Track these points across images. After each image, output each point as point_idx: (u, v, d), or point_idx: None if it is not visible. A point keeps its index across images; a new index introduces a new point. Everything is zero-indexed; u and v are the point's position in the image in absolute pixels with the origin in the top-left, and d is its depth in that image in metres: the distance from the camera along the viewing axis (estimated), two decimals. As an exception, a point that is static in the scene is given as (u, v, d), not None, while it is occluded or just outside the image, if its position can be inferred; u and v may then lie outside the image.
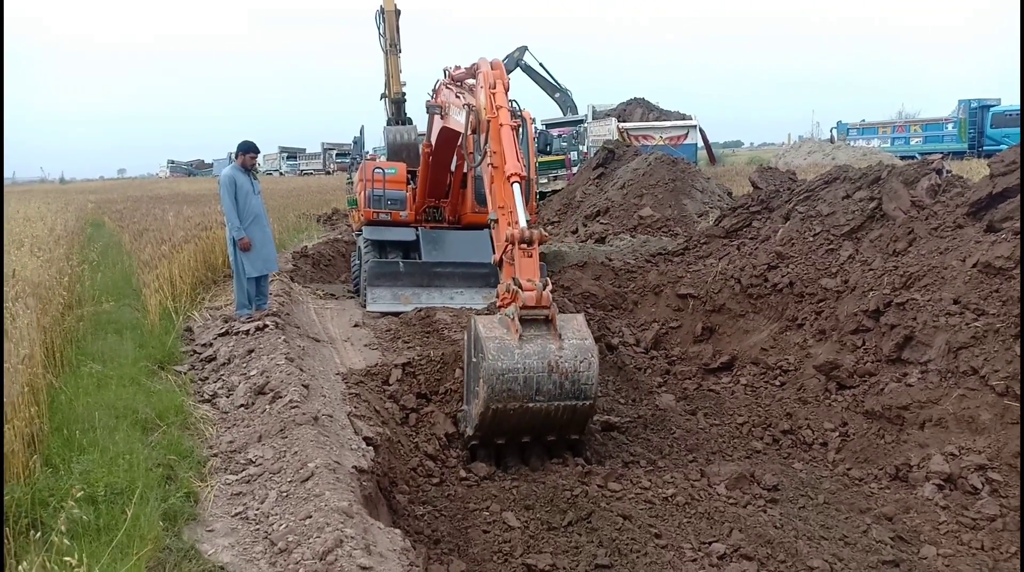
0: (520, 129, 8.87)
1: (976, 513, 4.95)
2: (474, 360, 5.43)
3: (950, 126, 33.36)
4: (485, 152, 6.47)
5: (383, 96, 12.21)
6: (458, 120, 7.77)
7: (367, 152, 12.33)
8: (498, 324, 5.38)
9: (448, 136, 9.33)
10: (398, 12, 12.34)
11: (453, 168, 10.94)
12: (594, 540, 4.70)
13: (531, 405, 5.29)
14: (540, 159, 31.42)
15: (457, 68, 8.62)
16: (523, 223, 5.75)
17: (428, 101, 9.42)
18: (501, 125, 6.32)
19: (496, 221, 6.08)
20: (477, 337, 5.32)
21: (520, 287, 5.34)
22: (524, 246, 5.62)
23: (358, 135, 11.70)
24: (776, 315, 8.13)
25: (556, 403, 5.33)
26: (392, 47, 12.11)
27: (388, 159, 11.95)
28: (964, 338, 6.03)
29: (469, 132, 7.02)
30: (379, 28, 12.22)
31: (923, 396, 5.95)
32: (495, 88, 6.53)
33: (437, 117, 9.20)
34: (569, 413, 5.44)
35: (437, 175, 10.78)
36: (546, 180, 24.12)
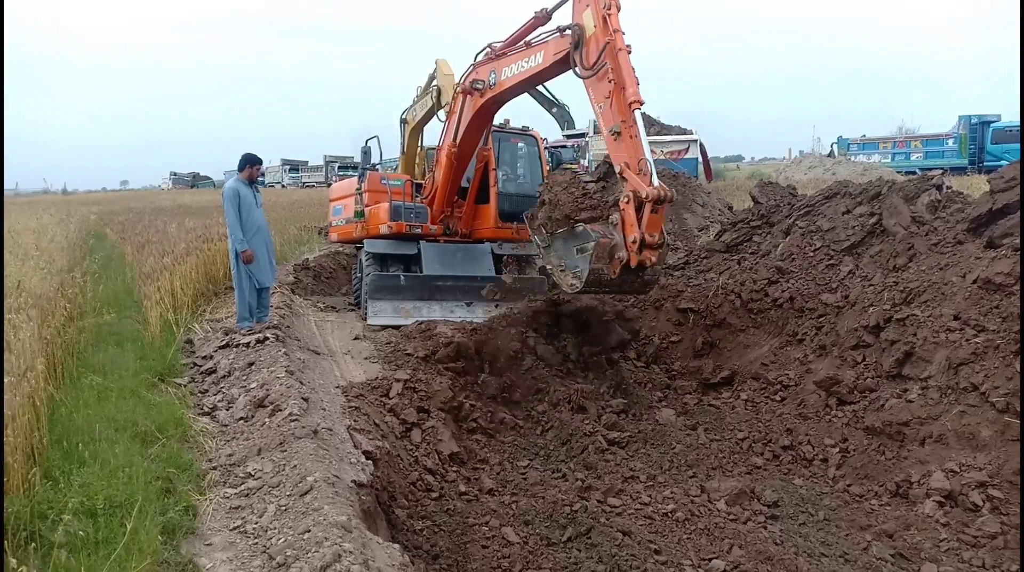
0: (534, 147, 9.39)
1: (977, 530, 4.93)
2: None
3: (950, 142, 33.47)
4: (592, 66, 6.88)
5: (403, 121, 12.19)
6: (529, 65, 8.26)
7: (377, 164, 12.27)
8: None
9: (476, 125, 9.71)
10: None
11: (466, 182, 11.00)
12: (594, 556, 4.68)
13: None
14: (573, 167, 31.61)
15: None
16: (655, 179, 6.18)
17: (455, 92, 9.66)
18: (619, 49, 6.64)
19: (618, 133, 6.65)
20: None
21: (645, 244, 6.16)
22: (658, 206, 6.18)
23: (366, 146, 11.52)
24: (776, 330, 8.13)
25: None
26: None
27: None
28: (964, 354, 6.03)
29: (573, 51, 7.31)
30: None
31: (923, 412, 5.95)
32: (610, 10, 6.83)
33: (468, 102, 9.51)
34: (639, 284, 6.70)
35: (458, 176, 10.85)
36: None
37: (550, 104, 12.41)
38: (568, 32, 7.39)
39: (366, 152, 11.34)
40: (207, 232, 13.53)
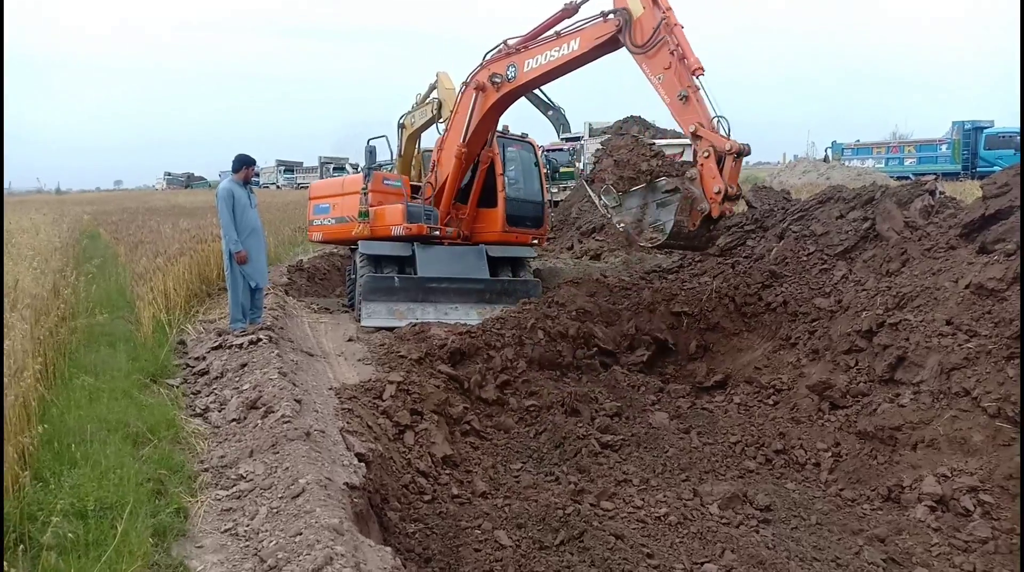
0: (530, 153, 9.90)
1: (968, 535, 4.95)
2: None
3: (944, 147, 33.57)
4: (645, 43, 7.81)
5: (401, 125, 12.21)
6: (561, 53, 8.96)
7: (384, 165, 12.23)
8: None
9: (488, 122, 10.16)
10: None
11: (466, 182, 11.05)
12: (586, 559, 4.68)
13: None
14: (569, 169, 31.99)
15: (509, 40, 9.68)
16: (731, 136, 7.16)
17: (462, 89, 9.83)
18: (675, 24, 7.63)
19: (686, 98, 7.50)
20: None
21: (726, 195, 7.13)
22: (737, 159, 7.12)
23: (370, 146, 11.40)
24: (770, 334, 8.15)
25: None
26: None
27: None
28: (956, 359, 6.05)
29: (618, 35, 8.19)
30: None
31: (915, 417, 5.97)
32: None
33: (480, 98, 9.89)
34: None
35: (463, 177, 10.95)
36: (556, 190, 25.79)
37: (546, 107, 12.43)
38: (612, 16, 8.26)
39: (370, 152, 11.28)
40: (201, 233, 13.50)
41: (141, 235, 15.26)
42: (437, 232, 10.80)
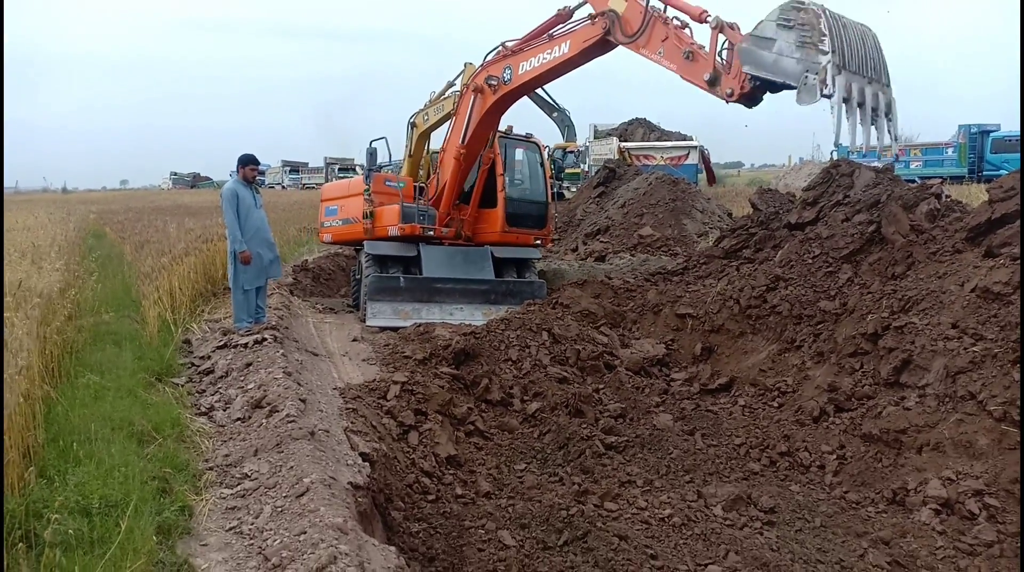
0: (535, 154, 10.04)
1: (973, 539, 4.93)
2: None
3: (950, 151, 33.49)
4: (636, 31, 8.14)
5: (411, 124, 12.22)
6: (553, 55, 9.15)
7: (385, 166, 12.28)
8: None
9: (486, 124, 10.24)
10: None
11: (471, 183, 11.06)
12: (589, 560, 4.68)
13: None
14: (574, 170, 32.27)
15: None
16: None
17: (460, 91, 9.90)
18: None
19: (691, 54, 7.85)
20: None
21: None
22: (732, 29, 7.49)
23: (371, 147, 11.48)
24: (775, 336, 8.13)
25: None
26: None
27: None
28: (962, 363, 6.03)
29: (607, 36, 8.46)
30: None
31: (921, 420, 5.95)
32: None
33: (479, 100, 9.96)
34: None
35: (464, 178, 10.96)
36: (568, 184, 26.60)
37: (551, 109, 12.51)
38: (599, 19, 8.51)
39: (371, 154, 11.33)
40: (206, 232, 13.54)
41: (147, 234, 15.32)
42: (431, 232, 10.80)
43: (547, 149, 11.83)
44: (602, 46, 8.67)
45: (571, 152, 28.87)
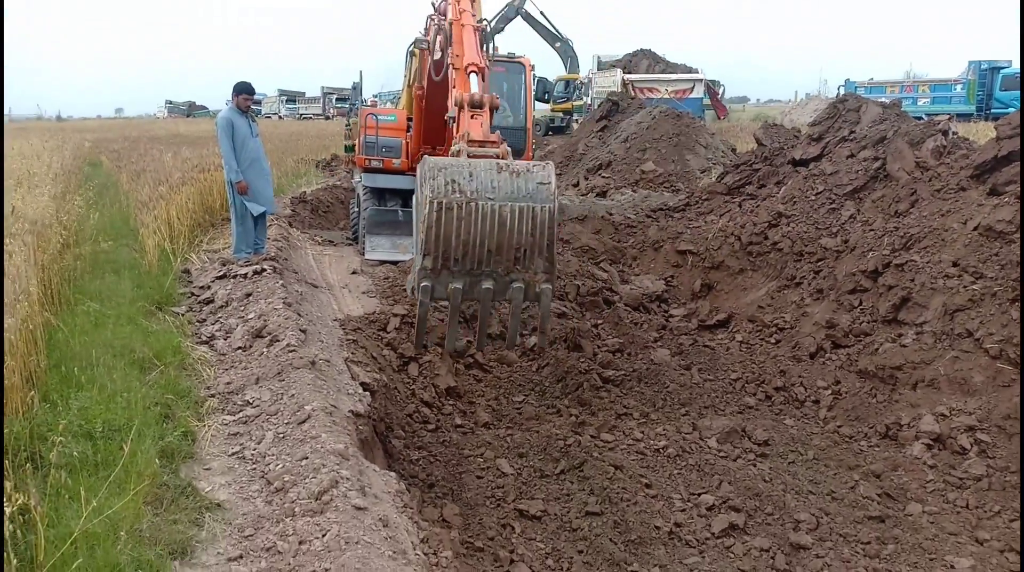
0: (523, 76, 9.07)
1: (963, 473, 5.02)
2: (421, 191, 4.71)
3: (959, 87, 32.90)
4: (448, 64, 6.40)
5: (411, 53, 11.89)
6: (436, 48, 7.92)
7: (366, 99, 12.09)
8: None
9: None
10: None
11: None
12: (585, 488, 4.77)
13: (482, 204, 4.45)
14: (563, 106, 31.56)
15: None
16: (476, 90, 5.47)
17: (418, 37, 9.30)
18: (463, 25, 6.35)
19: (455, 117, 5.55)
20: (423, 163, 4.64)
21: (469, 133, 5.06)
22: (475, 110, 5.31)
23: (357, 81, 11.44)
24: (775, 273, 8.13)
25: (511, 204, 4.47)
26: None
27: None
28: (961, 301, 6.04)
29: (438, 56, 7.14)
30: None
31: (917, 357, 5.99)
32: None
33: (427, 53, 9.15)
34: (529, 222, 4.50)
35: (432, 120, 10.62)
36: (577, 116, 26.76)
37: (553, 38, 12.18)
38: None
39: (354, 88, 11.24)
40: (203, 162, 13.39)
41: (143, 163, 15.14)
42: (379, 163, 10.64)
43: (532, 69, 11.25)
44: None
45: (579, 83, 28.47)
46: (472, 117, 5.29)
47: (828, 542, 4.45)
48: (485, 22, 7.19)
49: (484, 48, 6.57)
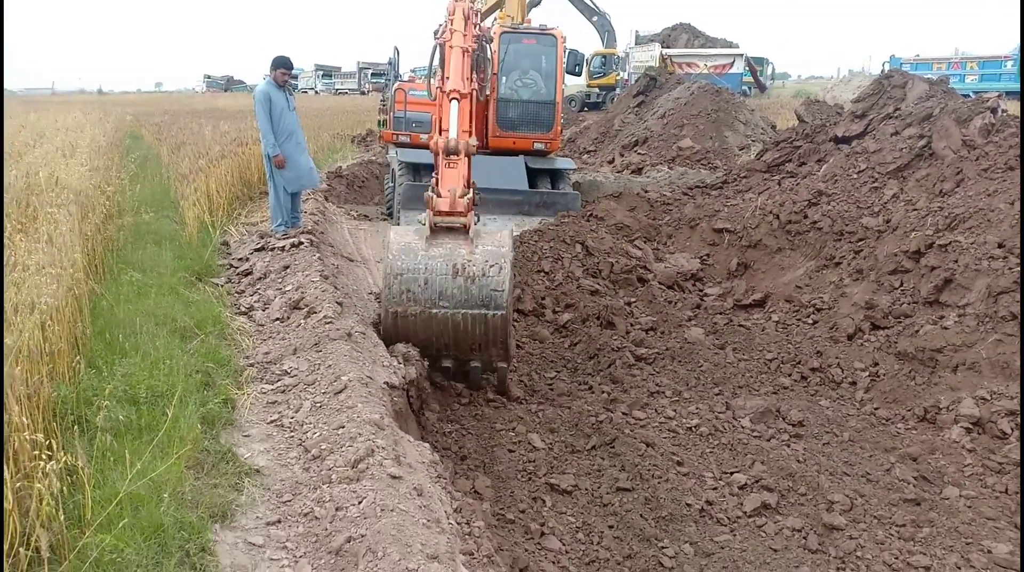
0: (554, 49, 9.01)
1: (1003, 457, 4.94)
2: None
3: (1009, 64, 31.81)
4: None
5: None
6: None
7: (402, 75, 12.09)
8: (412, 232, 5.24)
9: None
10: None
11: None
12: (616, 464, 4.79)
13: (435, 312, 4.90)
14: (600, 81, 31.34)
15: None
16: (453, 134, 5.59)
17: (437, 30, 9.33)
18: (452, 47, 6.35)
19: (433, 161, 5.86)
20: (386, 243, 5.16)
21: (436, 194, 5.29)
22: (449, 157, 5.48)
23: (393, 56, 11.43)
24: (813, 253, 8.01)
25: (463, 311, 4.89)
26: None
27: None
28: (1006, 283, 5.90)
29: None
30: None
31: (958, 339, 5.88)
32: (453, 14, 6.63)
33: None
34: (482, 326, 4.96)
35: None
36: (619, 90, 27.16)
37: (591, 12, 12.05)
38: None
39: (390, 63, 11.27)
40: (241, 135, 13.52)
41: (183, 137, 15.33)
42: (407, 138, 10.75)
43: (564, 40, 11.08)
44: None
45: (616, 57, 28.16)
46: (448, 166, 5.50)
47: (862, 524, 4.41)
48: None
49: (481, 68, 6.83)
